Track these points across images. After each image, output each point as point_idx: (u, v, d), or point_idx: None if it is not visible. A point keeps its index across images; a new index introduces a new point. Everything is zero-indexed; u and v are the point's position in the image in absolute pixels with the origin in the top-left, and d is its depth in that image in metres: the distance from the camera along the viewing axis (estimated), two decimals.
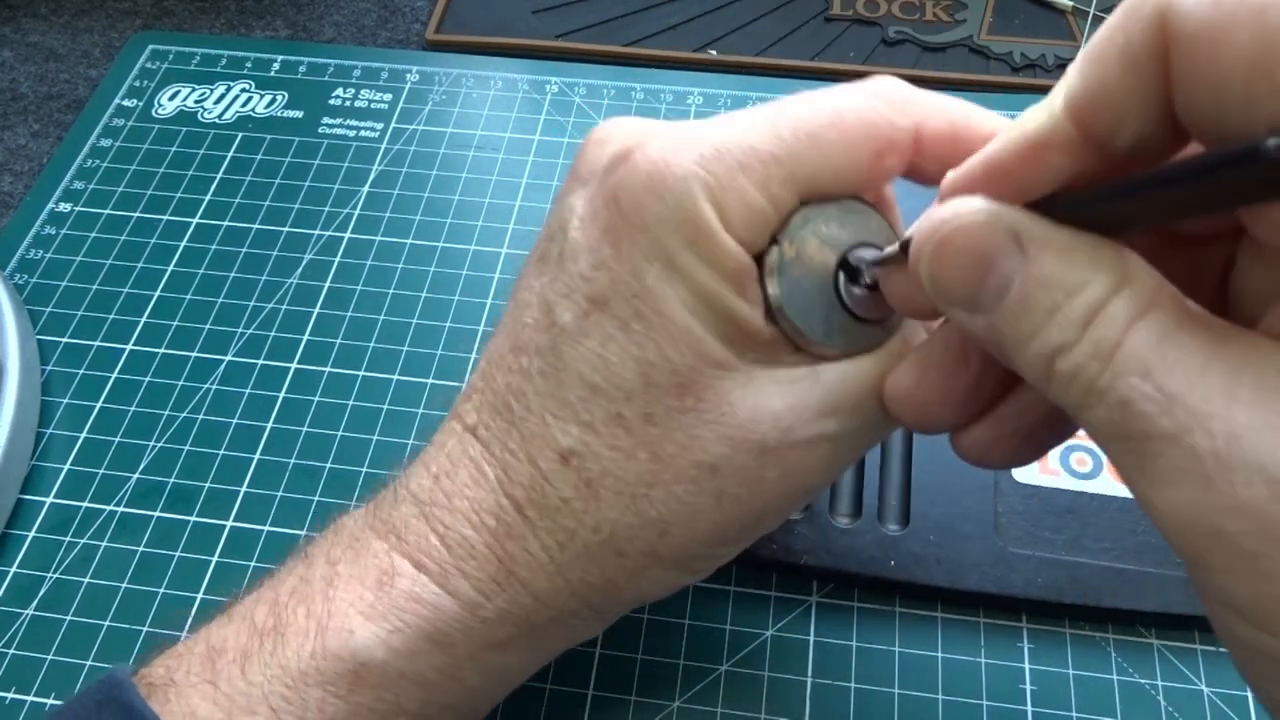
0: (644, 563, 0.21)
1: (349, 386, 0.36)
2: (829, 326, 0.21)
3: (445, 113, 0.44)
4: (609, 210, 0.21)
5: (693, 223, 0.20)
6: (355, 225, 0.40)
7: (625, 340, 0.21)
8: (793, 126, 0.20)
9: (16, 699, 0.30)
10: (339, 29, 0.49)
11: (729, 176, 0.20)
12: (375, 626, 0.21)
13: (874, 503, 0.31)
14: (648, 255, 0.20)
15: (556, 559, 0.21)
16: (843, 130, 0.20)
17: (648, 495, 0.21)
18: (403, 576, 0.22)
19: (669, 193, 0.20)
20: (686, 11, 0.48)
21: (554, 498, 0.21)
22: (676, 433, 0.21)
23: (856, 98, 0.21)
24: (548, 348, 0.22)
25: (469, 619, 0.21)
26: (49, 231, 0.41)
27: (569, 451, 0.21)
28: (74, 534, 0.33)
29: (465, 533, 0.22)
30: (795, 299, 0.21)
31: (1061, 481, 0.32)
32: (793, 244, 0.21)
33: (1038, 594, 0.29)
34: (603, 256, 0.21)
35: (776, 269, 0.21)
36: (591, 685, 0.29)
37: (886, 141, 0.20)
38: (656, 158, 0.20)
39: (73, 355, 0.37)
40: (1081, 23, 0.47)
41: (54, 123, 0.46)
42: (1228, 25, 0.14)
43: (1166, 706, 0.28)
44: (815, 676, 0.29)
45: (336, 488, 0.34)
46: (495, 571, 0.21)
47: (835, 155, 0.20)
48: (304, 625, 0.22)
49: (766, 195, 0.20)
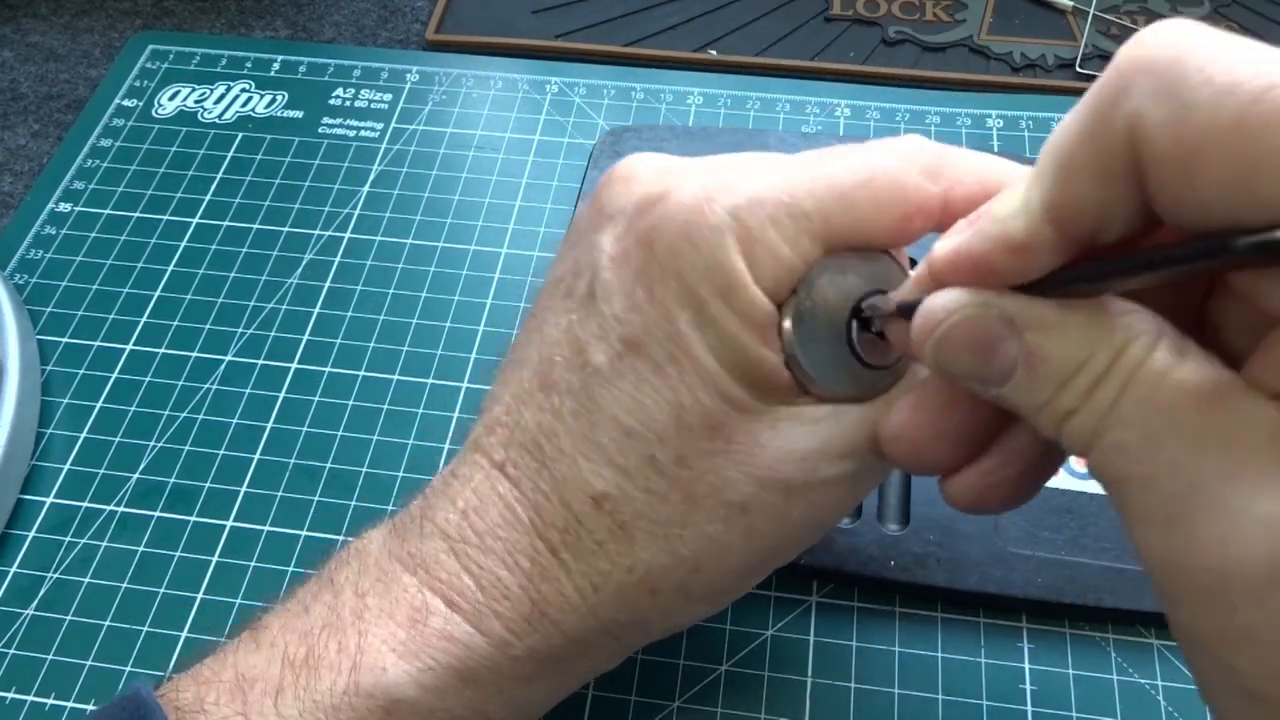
0: (676, 600, 0.22)
1: (349, 386, 0.36)
2: (839, 373, 0.22)
3: (445, 113, 0.44)
4: (643, 253, 0.21)
5: (724, 273, 0.20)
6: (355, 225, 0.40)
7: (659, 383, 0.21)
8: (827, 184, 0.21)
9: (17, 699, 0.30)
10: (339, 29, 0.49)
11: (761, 230, 0.21)
12: (408, 665, 0.21)
13: (874, 503, 0.31)
14: (679, 301, 0.21)
15: (590, 600, 0.22)
16: (874, 192, 0.21)
17: (680, 535, 0.21)
18: (435, 615, 0.22)
19: (703, 241, 0.21)
20: (686, 11, 0.48)
21: (588, 541, 0.22)
22: (708, 475, 0.21)
23: (890, 159, 0.21)
24: (580, 388, 0.22)
25: (498, 657, 0.22)
26: (49, 231, 0.41)
27: (602, 495, 0.21)
28: (74, 534, 0.33)
29: (499, 573, 0.22)
30: (809, 347, 0.21)
31: (1061, 481, 0.32)
32: (810, 294, 0.21)
33: (1038, 594, 0.29)
34: (636, 300, 0.21)
35: (794, 318, 0.21)
36: (591, 685, 0.29)
37: (916, 206, 0.21)
38: (691, 204, 0.21)
39: (73, 355, 0.37)
40: (1081, 23, 0.47)
41: (54, 123, 0.46)
42: (1199, 150, 0.14)
43: (1166, 706, 0.28)
44: (815, 676, 0.29)
45: (336, 488, 0.34)
46: (528, 612, 0.22)
47: (864, 216, 0.21)
48: (336, 660, 0.22)
49: (796, 250, 0.21)
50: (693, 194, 0.21)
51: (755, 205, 0.21)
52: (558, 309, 0.23)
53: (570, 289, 0.23)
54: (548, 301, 0.24)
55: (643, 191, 0.22)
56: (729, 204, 0.21)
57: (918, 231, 0.21)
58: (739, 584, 0.23)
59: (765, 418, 0.21)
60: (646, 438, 0.21)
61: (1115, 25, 0.47)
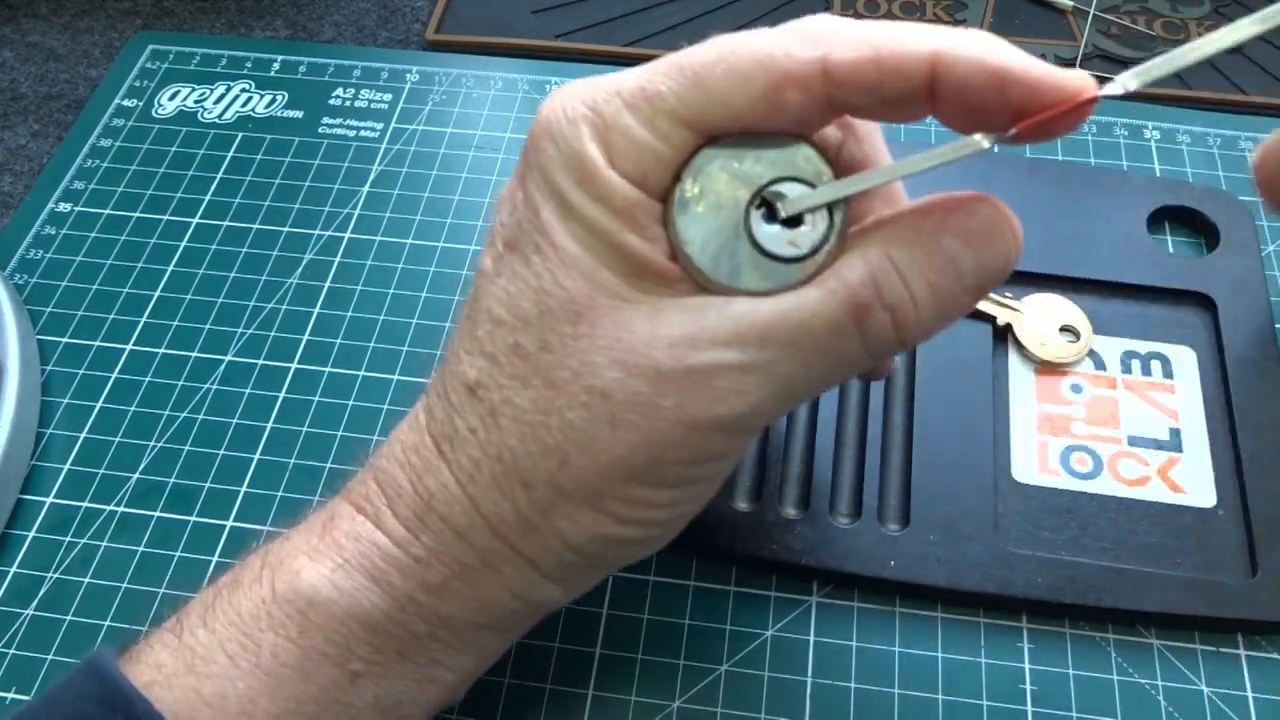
0: (551, 496, 0.21)
1: (349, 386, 0.36)
2: (736, 265, 0.21)
3: (445, 113, 0.44)
4: (520, 161, 0.22)
5: (579, 160, 0.21)
6: (355, 225, 0.40)
7: (526, 273, 0.21)
8: (681, 65, 0.21)
9: (17, 699, 0.30)
10: (339, 29, 0.49)
11: (615, 116, 0.21)
12: (318, 564, 0.22)
13: (874, 503, 0.31)
14: (543, 194, 0.21)
15: (469, 491, 0.22)
16: (731, 65, 0.20)
17: (544, 422, 0.21)
18: (342, 518, 0.23)
19: (560, 135, 0.21)
20: (686, 11, 0.48)
21: (463, 429, 0.22)
22: (571, 359, 0.21)
23: (758, 34, 0.21)
24: (472, 294, 0.23)
25: (402, 556, 0.22)
26: (49, 231, 0.41)
27: (475, 383, 0.22)
28: (74, 534, 0.33)
29: (395, 474, 0.23)
30: (698, 237, 0.21)
31: (1061, 481, 0.32)
32: (696, 180, 0.21)
33: (1038, 594, 0.29)
34: (515, 203, 0.22)
35: (677, 205, 0.21)
36: (591, 685, 0.29)
37: (783, 73, 0.20)
38: (555, 105, 0.22)
39: (73, 355, 0.37)
40: (1081, 23, 0.47)
41: (54, 123, 0.46)
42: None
43: (1166, 706, 0.28)
44: (815, 676, 0.29)
45: (336, 488, 0.33)
46: (418, 507, 0.22)
47: (721, 90, 0.20)
48: (256, 573, 0.23)
49: (653, 131, 0.21)
50: (560, 96, 0.22)
51: (611, 95, 0.21)
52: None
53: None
54: None
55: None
56: (587, 97, 0.21)
57: (796, 105, 0.20)
58: (625, 490, 0.21)
59: (644, 307, 0.21)
60: (512, 325, 0.21)
61: (1115, 25, 0.47)
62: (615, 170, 0.21)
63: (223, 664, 0.22)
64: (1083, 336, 0.35)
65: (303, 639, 0.22)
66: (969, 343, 0.34)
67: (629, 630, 0.30)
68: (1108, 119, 0.42)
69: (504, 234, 0.22)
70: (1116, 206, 0.38)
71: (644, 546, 0.24)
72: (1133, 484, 0.32)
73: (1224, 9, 0.47)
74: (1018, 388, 0.34)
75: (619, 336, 0.21)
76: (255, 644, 0.22)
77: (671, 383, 0.20)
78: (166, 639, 0.22)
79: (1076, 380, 0.34)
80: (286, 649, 0.22)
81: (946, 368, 0.34)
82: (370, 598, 0.22)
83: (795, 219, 0.21)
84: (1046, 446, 0.33)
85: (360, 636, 0.22)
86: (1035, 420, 0.33)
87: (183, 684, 0.21)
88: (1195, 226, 0.38)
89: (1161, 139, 0.41)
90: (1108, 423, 0.33)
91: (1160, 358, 0.34)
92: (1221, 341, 0.34)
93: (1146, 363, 0.34)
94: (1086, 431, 0.33)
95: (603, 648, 0.30)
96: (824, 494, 0.32)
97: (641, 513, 0.22)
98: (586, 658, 0.30)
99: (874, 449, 0.33)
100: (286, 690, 0.22)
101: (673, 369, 0.20)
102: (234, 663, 0.22)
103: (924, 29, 0.20)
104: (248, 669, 0.21)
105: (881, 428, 0.33)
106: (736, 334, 0.20)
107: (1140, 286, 0.36)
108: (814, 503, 0.31)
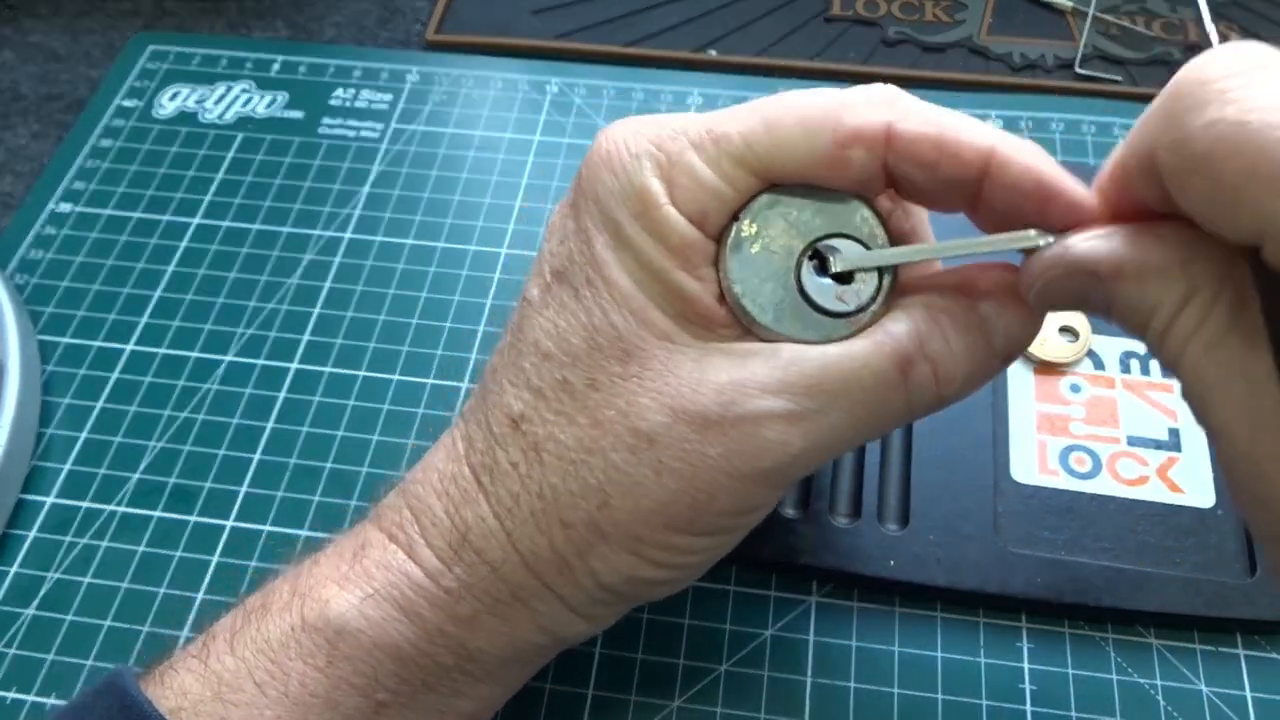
0: (589, 537, 0.21)
1: (349, 387, 0.36)
2: (783, 313, 0.21)
3: (445, 113, 0.44)
4: (573, 190, 0.22)
5: (639, 194, 0.21)
6: (355, 226, 0.40)
7: (576, 307, 0.21)
8: (754, 110, 0.21)
9: (17, 699, 0.30)
10: (339, 29, 0.49)
11: (680, 154, 0.21)
12: (348, 594, 0.22)
13: (874, 503, 0.31)
14: (598, 225, 0.21)
15: (506, 526, 0.22)
16: (803, 116, 0.20)
17: (587, 461, 0.21)
18: (374, 547, 0.23)
19: (621, 167, 0.21)
20: (686, 11, 0.48)
21: (504, 462, 0.22)
22: (618, 399, 0.21)
23: (833, 92, 0.21)
24: (516, 323, 0.23)
25: (433, 589, 0.22)
26: (49, 232, 0.41)
27: (520, 416, 0.22)
28: (74, 534, 0.33)
29: (431, 502, 0.22)
30: (748, 279, 0.21)
31: (1061, 481, 0.32)
32: (754, 223, 0.21)
33: (1037, 594, 0.29)
34: (566, 232, 0.22)
35: (731, 245, 0.21)
36: (591, 685, 0.29)
37: (851, 132, 0.20)
38: (617, 138, 0.22)
39: (73, 355, 0.37)
40: (1081, 23, 0.47)
41: (54, 123, 0.46)
42: (1183, 171, 0.17)
43: (1166, 706, 0.28)
44: (815, 676, 0.29)
45: (336, 488, 0.34)
46: (453, 539, 0.22)
47: (791, 139, 0.20)
48: (287, 600, 0.22)
49: (718, 172, 0.21)
50: (621, 129, 0.22)
51: (678, 133, 0.21)
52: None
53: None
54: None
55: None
56: (652, 134, 0.21)
57: (858, 161, 0.20)
58: (664, 537, 0.21)
59: (692, 351, 0.21)
60: (561, 360, 0.21)
61: (1114, 25, 0.47)
62: (675, 207, 0.21)
63: (251, 692, 0.21)
64: (1082, 336, 0.35)
65: (331, 669, 0.21)
66: None
67: (629, 630, 0.30)
68: (1107, 119, 0.42)
69: (553, 263, 0.22)
70: None
71: (671, 587, 0.24)
72: (1132, 484, 0.32)
73: (1223, 9, 0.47)
74: (1017, 388, 0.34)
75: (667, 380, 0.21)
76: (284, 672, 0.21)
77: (719, 431, 0.20)
78: (191, 664, 0.22)
79: (1075, 380, 0.34)
80: (315, 678, 0.21)
81: None
82: (399, 629, 0.22)
83: (846, 276, 0.21)
84: (1046, 446, 0.33)
85: (387, 667, 0.22)
86: (1034, 420, 0.33)
87: (209, 711, 0.21)
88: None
89: None
90: (1107, 422, 0.33)
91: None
92: None
93: (1145, 362, 0.34)
94: (1085, 431, 0.33)
95: (603, 648, 0.30)
96: (824, 494, 0.32)
97: (676, 558, 0.22)
98: (586, 658, 0.30)
99: (874, 449, 0.33)
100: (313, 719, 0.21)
101: (720, 416, 0.20)
102: (262, 691, 0.21)
103: (984, 126, 0.20)
104: (275, 698, 0.21)
105: None
106: (785, 382, 0.20)
107: None
108: (813, 502, 0.31)
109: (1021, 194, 0.20)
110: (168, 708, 0.21)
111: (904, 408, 0.21)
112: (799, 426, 0.20)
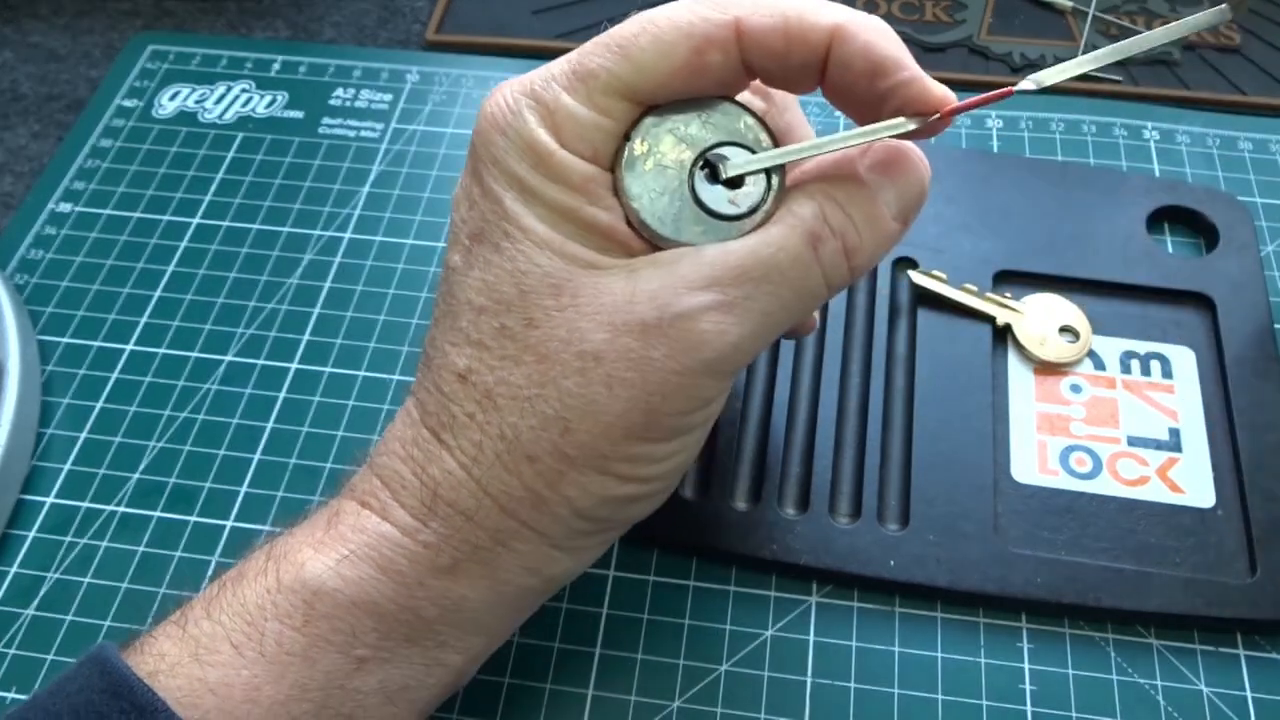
0: (557, 465, 0.22)
1: (349, 387, 0.36)
2: (683, 223, 0.22)
3: (445, 113, 0.44)
4: (471, 158, 0.23)
5: (531, 148, 0.22)
6: (355, 225, 0.40)
7: (500, 260, 0.22)
8: (607, 42, 0.22)
9: (18, 699, 0.30)
10: (339, 29, 0.49)
11: (555, 100, 0.22)
12: (324, 557, 0.22)
13: (874, 503, 0.31)
14: (503, 184, 0.22)
15: (474, 474, 0.22)
16: (654, 34, 0.22)
17: (541, 395, 0.22)
18: (347, 514, 0.23)
19: (508, 126, 0.22)
20: None
21: (460, 415, 0.23)
22: (558, 330, 0.22)
23: (675, 5, 0.22)
24: (445, 291, 0.24)
25: (410, 544, 0.22)
26: (49, 232, 0.41)
27: (466, 370, 0.23)
28: (74, 534, 0.33)
29: (398, 468, 0.23)
30: (645, 195, 0.22)
31: (1061, 481, 0.32)
32: (644, 142, 0.22)
33: (1037, 594, 0.29)
34: (473, 198, 0.23)
35: (625, 166, 0.22)
36: (591, 685, 0.29)
37: (703, 39, 0.22)
38: (498, 99, 0.23)
39: (73, 355, 0.37)
40: (1081, 23, 0.47)
41: (54, 123, 0.46)
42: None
43: (1166, 706, 0.28)
44: (815, 676, 0.29)
45: (337, 488, 0.33)
46: (424, 496, 0.23)
47: (648, 59, 0.22)
48: (262, 565, 0.23)
49: (594, 108, 0.22)
50: (498, 94, 0.23)
51: (547, 82, 0.22)
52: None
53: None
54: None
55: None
56: (526, 88, 0.23)
57: (717, 65, 0.22)
58: (629, 449, 0.22)
59: (619, 270, 0.22)
60: (495, 309, 0.22)
61: (1114, 25, 0.47)
62: (567, 150, 0.22)
63: (227, 653, 0.22)
64: (1082, 336, 0.35)
65: (308, 628, 0.22)
66: (968, 343, 0.35)
67: (629, 630, 0.30)
68: (1106, 119, 0.42)
69: (468, 229, 0.23)
70: (1116, 207, 0.38)
71: (647, 503, 0.25)
72: (1132, 484, 0.32)
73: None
74: (1017, 388, 0.34)
75: (601, 300, 0.22)
76: (260, 633, 0.22)
77: (658, 333, 0.21)
78: (170, 630, 0.23)
79: (1076, 380, 0.34)
80: (291, 637, 0.22)
81: (946, 368, 0.34)
82: (376, 586, 0.22)
83: (737, 180, 0.23)
84: (1046, 446, 0.33)
85: (366, 624, 0.22)
86: (1035, 420, 0.33)
87: (187, 672, 0.21)
88: (1194, 227, 0.38)
89: (1161, 139, 0.41)
90: (1107, 423, 0.33)
91: (1159, 358, 0.35)
92: (1220, 342, 0.34)
93: (1146, 363, 0.34)
94: (1086, 431, 0.33)
95: (603, 648, 0.30)
96: (823, 494, 0.32)
97: (643, 469, 0.23)
98: (586, 658, 0.30)
99: (874, 449, 0.33)
100: (291, 677, 0.22)
101: (658, 319, 0.21)
102: (239, 651, 0.22)
103: (829, 5, 0.22)
104: (252, 657, 0.22)
105: (881, 428, 0.33)
106: (712, 277, 0.22)
107: (1139, 287, 0.36)
108: (814, 503, 0.31)
109: (855, 73, 0.22)
110: (145, 671, 0.22)
111: (821, 283, 0.23)
112: (732, 314, 0.22)
